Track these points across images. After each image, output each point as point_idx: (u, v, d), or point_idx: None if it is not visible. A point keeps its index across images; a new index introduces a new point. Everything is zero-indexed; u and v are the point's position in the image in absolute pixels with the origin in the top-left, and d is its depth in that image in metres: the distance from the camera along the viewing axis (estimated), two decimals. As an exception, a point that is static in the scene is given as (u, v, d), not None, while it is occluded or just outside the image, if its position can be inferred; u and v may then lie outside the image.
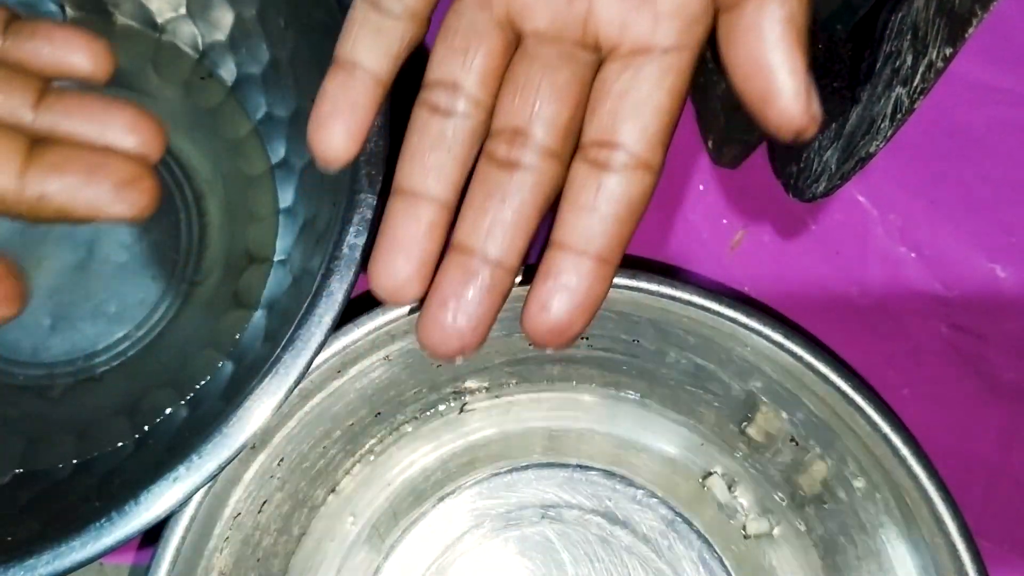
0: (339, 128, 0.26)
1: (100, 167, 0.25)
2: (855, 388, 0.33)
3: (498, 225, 0.25)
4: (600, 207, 0.25)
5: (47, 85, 0.26)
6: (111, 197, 0.25)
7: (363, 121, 0.26)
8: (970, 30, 0.22)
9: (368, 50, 0.26)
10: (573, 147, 0.26)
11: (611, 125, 0.25)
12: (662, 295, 0.34)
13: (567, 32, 0.26)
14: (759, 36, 0.23)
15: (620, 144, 0.25)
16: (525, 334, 0.25)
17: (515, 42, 0.27)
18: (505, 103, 0.26)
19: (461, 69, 0.26)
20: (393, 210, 0.26)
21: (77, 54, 0.26)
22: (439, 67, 0.27)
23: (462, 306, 0.25)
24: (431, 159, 0.26)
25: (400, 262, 0.26)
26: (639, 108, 0.25)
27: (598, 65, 0.26)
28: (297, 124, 0.40)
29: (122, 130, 0.26)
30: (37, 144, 0.25)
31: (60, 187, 0.25)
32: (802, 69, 0.23)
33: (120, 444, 0.37)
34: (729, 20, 0.24)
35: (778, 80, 0.23)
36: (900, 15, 0.26)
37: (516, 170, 0.25)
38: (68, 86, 0.27)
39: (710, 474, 0.40)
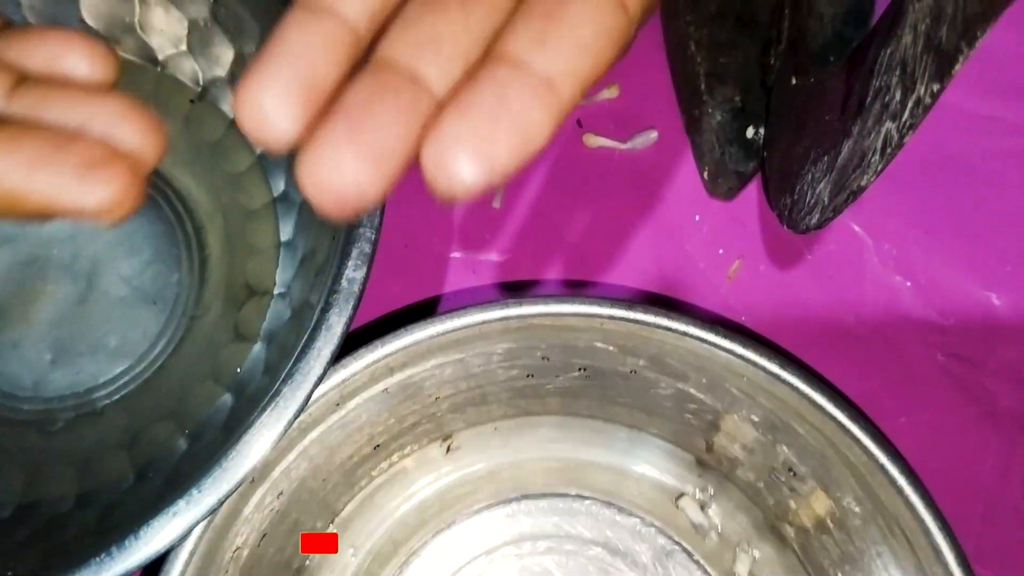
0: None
1: (63, 146, 0.21)
2: (851, 418, 0.34)
3: (435, 38, 0.19)
4: (562, 21, 0.19)
5: (26, 77, 0.22)
6: (73, 180, 0.20)
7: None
8: (956, 67, 0.23)
9: None
10: None
11: None
12: (659, 327, 0.34)
13: None
14: None
15: None
16: (424, 166, 0.18)
17: None
18: None
19: None
20: (287, 21, 0.19)
21: (73, 55, 0.22)
22: None
23: (369, 128, 0.18)
24: None
25: (274, 77, 0.18)
26: None
27: None
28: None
29: (111, 121, 0.21)
30: None
31: (10, 165, 0.20)
32: None
33: (120, 478, 0.37)
34: None
35: None
36: (889, 51, 0.26)
37: (464, 21, 0.19)
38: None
39: (683, 495, 0.40)
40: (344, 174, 0.17)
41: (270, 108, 0.18)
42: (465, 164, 0.18)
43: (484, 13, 0.19)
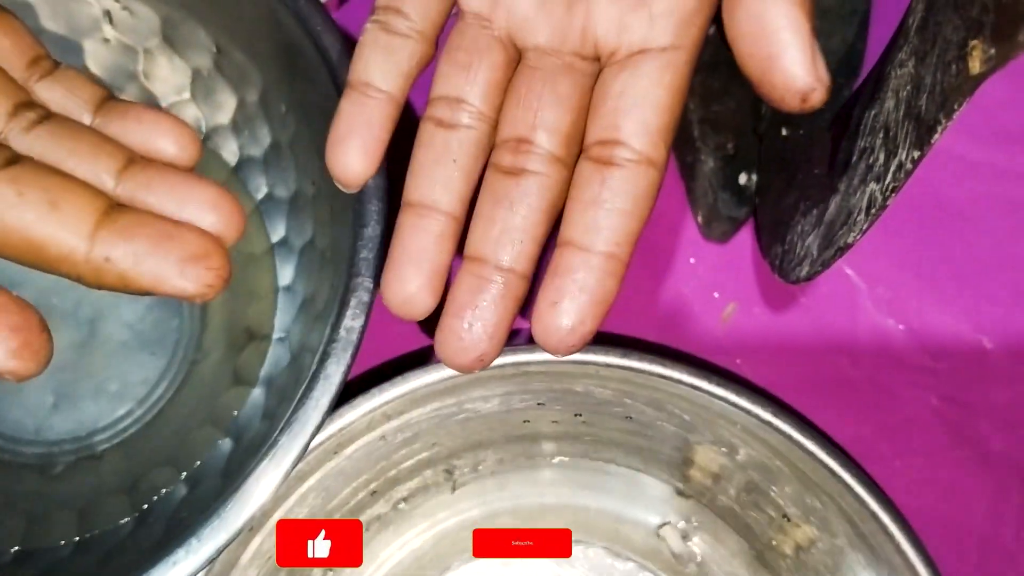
0: (355, 147, 0.27)
1: (170, 237, 0.24)
2: (843, 465, 0.34)
3: (507, 232, 0.26)
4: (605, 202, 0.25)
5: (134, 156, 0.26)
6: (176, 270, 0.24)
7: (379, 139, 0.27)
8: (935, 136, 0.23)
9: (380, 70, 0.27)
10: (577, 154, 0.27)
11: (612, 123, 0.26)
12: (653, 374, 0.35)
13: (567, 44, 0.27)
14: None
15: (622, 141, 0.25)
16: (536, 338, 0.25)
17: (517, 58, 0.28)
18: (508, 114, 0.27)
19: (465, 83, 0.27)
20: (402, 223, 0.27)
21: (165, 138, 0.26)
22: (443, 83, 0.28)
23: (478, 314, 0.26)
24: (437, 172, 0.27)
25: (410, 274, 0.26)
26: (638, 105, 0.26)
27: (598, 74, 0.27)
28: (297, 204, 0.41)
29: (202, 206, 0.25)
30: (114, 208, 0.24)
31: (125, 252, 0.24)
32: (806, 28, 0.23)
33: (120, 522, 0.38)
34: None
35: (781, 38, 0.23)
36: (873, 113, 0.27)
37: (522, 177, 0.26)
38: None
39: (665, 524, 0.40)
40: (473, 352, 0.26)
41: (414, 294, 0.26)
42: (567, 335, 0.25)
43: (541, 200, 0.26)
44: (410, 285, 0.26)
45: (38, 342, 0.23)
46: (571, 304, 0.25)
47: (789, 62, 0.23)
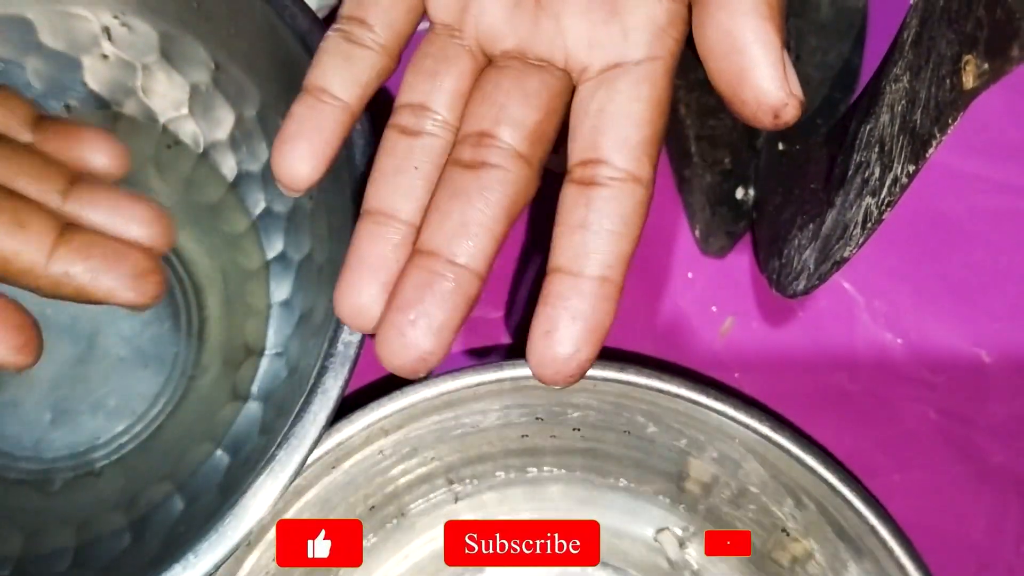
0: (302, 149, 0.26)
1: (121, 256, 0.27)
2: (842, 480, 0.34)
3: (464, 226, 0.24)
4: (592, 224, 0.24)
5: (75, 176, 0.28)
6: (127, 285, 0.27)
7: (328, 145, 0.26)
8: (930, 151, 0.23)
9: (337, 77, 0.26)
10: (542, 157, 0.26)
11: (592, 143, 0.25)
12: (651, 388, 0.35)
13: (536, 52, 0.26)
14: (730, 11, 0.23)
15: (603, 160, 0.24)
16: (532, 370, 0.24)
17: (485, 65, 0.27)
18: (472, 110, 0.26)
19: (430, 90, 0.27)
20: (360, 231, 0.26)
21: (98, 153, 0.29)
22: (409, 91, 0.27)
23: (424, 310, 0.24)
24: (398, 179, 0.26)
25: (364, 283, 0.25)
26: (617, 121, 0.25)
27: (569, 81, 0.26)
28: (295, 219, 0.41)
29: (139, 223, 0.28)
30: (67, 227, 0.27)
31: (83, 269, 0.27)
32: (777, 43, 0.22)
33: (118, 539, 0.38)
34: (700, 6, 0.24)
35: (752, 54, 0.22)
36: (868, 127, 0.27)
37: (482, 170, 0.25)
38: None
39: (663, 529, 0.40)
40: (415, 352, 0.24)
41: (366, 304, 0.25)
42: (564, 365, 0.24)
43: (501, 196, 0.25)
44: (363, 295, 0.25)
45: (36, 338, 0.27)
46: (566, 332, 0.23)
47: (760, 77, 0.22)
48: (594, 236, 0.24)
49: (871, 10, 0.42)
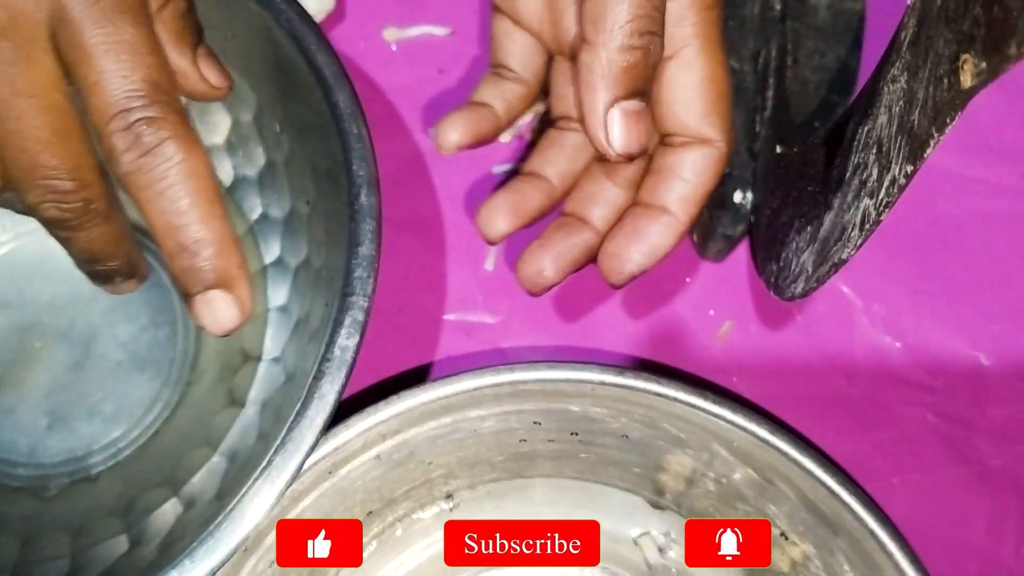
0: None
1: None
2: (841, 483, 0.34)
3: (602, 202, 0.35)
4: (683, 175, 0.33)
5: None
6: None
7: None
8: (928, 151, 0.23)
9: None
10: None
11: (673, 120, 0.33)
12: (649, 392, 0.35)
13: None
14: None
15: (679, 131, 0.33)
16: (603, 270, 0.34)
17: None
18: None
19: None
20: (517, 181, 0.36)
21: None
22: (560, 103, 0.37)
23: (557, 253, 0.35)
24: (550, 154, 0.36)
25: (503, 209, 0.35)
26: (687, 95, 0.32)
27: None
28: (291, 224, 0.41)
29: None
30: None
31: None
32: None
33: (114, 544, 0.37)
34: None
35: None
36: (866, 128, 0.27)
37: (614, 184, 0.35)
38: None
39: (645, 534, 0.40)
40: (540, 273, 0.35)
41: (499, 220, 0.36)
42: (626, 264, 0.34)
43: (623, 178, 0.35)
44: (501, 220, 0.36)
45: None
46: (629, 244, 0.34)
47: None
48: (668, 179, 0.33)
49: (868, 13, 0.42)
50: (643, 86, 0.30)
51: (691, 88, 0.32)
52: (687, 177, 0.33)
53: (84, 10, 0.26)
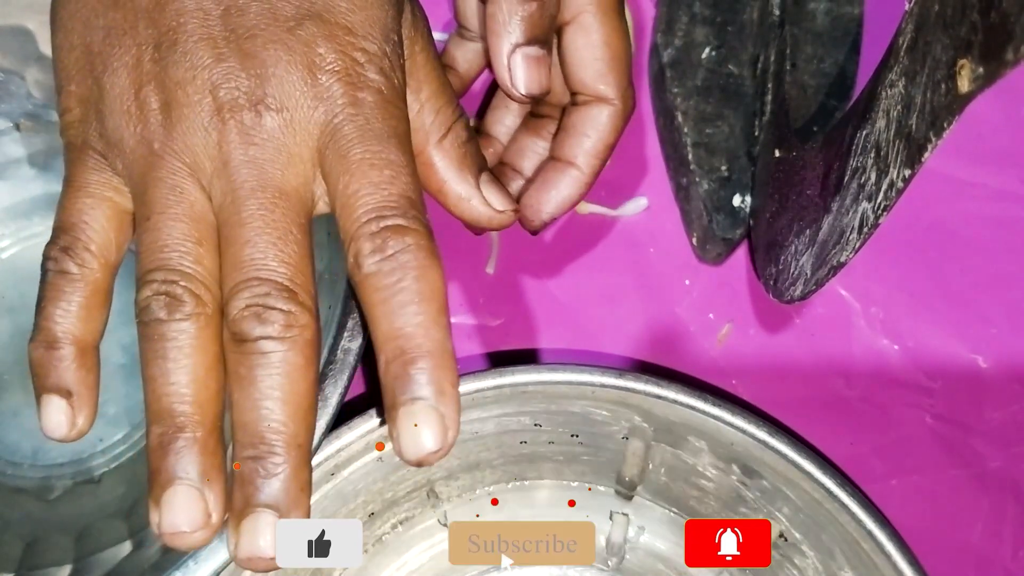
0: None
1: None
2: (839, 485, 0.34)
3: (530, 154, 0.40)
4: (585, 131, 0.36)
5: None
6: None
7: None
8: (926, 155, 0.23)
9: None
10: None
11: (574, 79, 0.36)
12: (649, 394, 0.35)
13: None
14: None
15: (580, 90, 0.36)
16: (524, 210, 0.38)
17: None
18: None
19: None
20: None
21: None
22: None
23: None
24: (499, 113, 0.42)
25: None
26: (585, 57, 0.35)
27: None
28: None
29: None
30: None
31: None
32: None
33: (118, 546, 0.38)
34: None
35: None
36: (865, 133, 0.27)
37: (539, 139, 0.40)
38: None
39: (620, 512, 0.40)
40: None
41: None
42: (539, 213, 0.38)
43: (547, 133, 0.39)
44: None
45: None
46: (540, 195, 0.38)
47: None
48: (574, 136, 0.37)
49: (866, 18, 0.43)
50: (541, 34, 0.33)
51: (588, 50, 0.35)
52: (589, 133, 0.36)
53: (357, 128, 0.28)
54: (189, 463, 0.27)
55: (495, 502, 0.41)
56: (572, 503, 0.41)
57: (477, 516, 0.41)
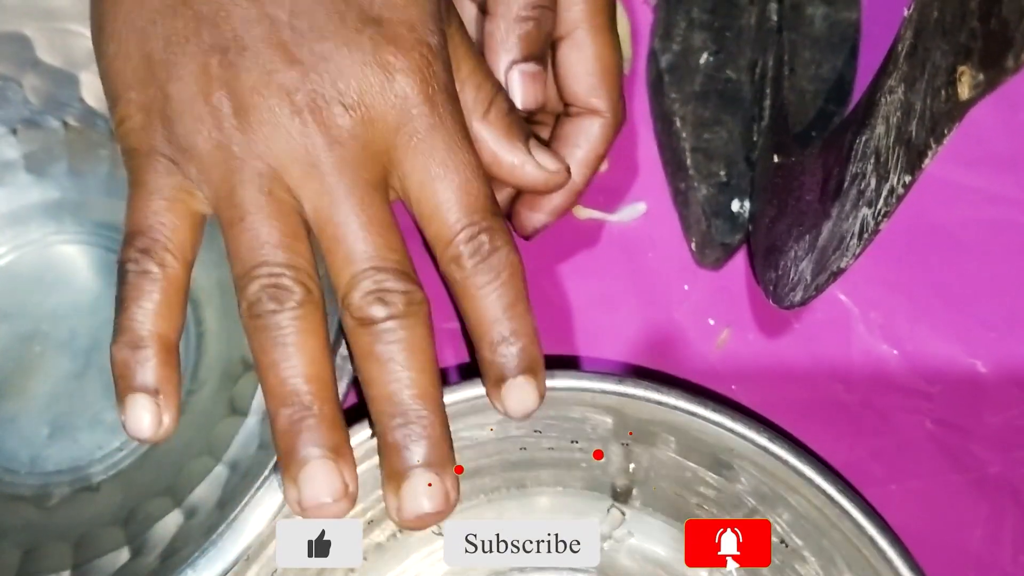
0: None
1: None
2: (840, 491, 0.34)
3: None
4: (577, 142, 0.37)
5: None
6: None
7: None
8: (926, 161, 0.23)
9: None
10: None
11: (567, 92, 0.37)
12: (648, 400, 0.35)
13: None
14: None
15: (573, 102, 0.37)
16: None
17: None
18: None
19: None
20: None
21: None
22: None
23: None
24: None
25: None
26: (577, 71, 0.36)
27: None
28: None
29: None
30: None
31: None
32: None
33: (116, 554, 0.38)
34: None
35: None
36: (864, 139, 0.27)
37: None
38: None
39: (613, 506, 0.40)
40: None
41: None
42: (531, 221, 0.38)
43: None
44: None
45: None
46: (532, 205, 0.38)
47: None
48: (567, 148, 0.37)
49: (865, 23, 0.43)
50: (538, 51, 0.35)
51: (580, 65, 0.36)
52: (581, 144, 0.37)
53: (431, 129, 0.30)
54: (322, 438, 0.30)
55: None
56: (569, 510, 0.41)
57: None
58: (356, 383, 0.33)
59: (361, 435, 0.34)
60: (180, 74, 0.29)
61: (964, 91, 0.21)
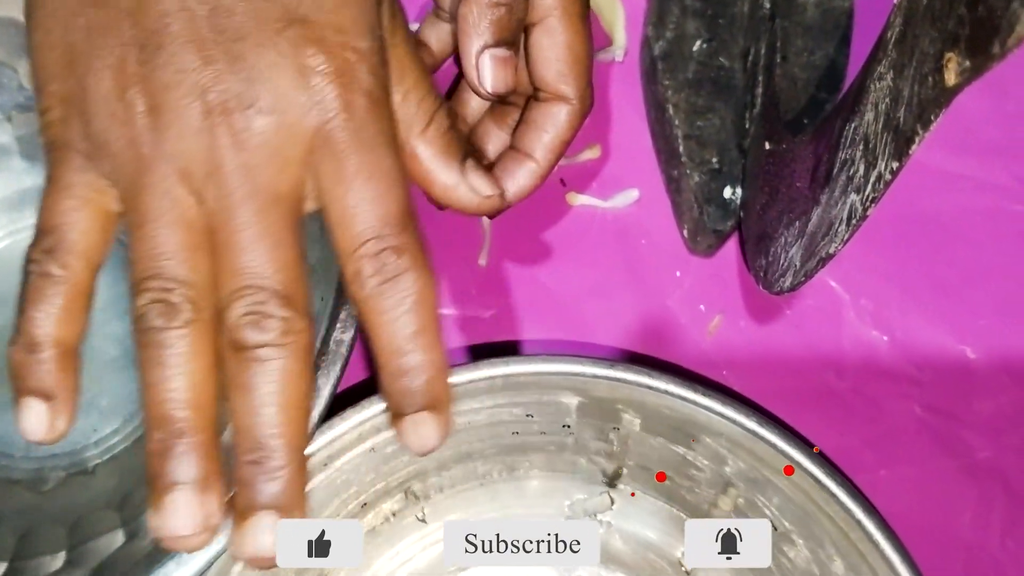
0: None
1: None
2: (829, 475, 0.34)
3: (493, 139, 0.41)
4: (544, 126, 0.37)
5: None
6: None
7: None
8: (913, 147, 0.24)
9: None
10: None
11: (537, 77, 0.37)
12: (640, 385, 0.35)
13: None
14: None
15: (543, 88, 0.37)
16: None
17: None
18: None
19: None
20: None
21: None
22: None
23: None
24: (464, 95, 0.42)
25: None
26: (548, 57, 0.37)
27: None
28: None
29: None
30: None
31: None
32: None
33: (111, 537, 0.38)
34: None
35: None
36: (854, 125, 0.27)
37: (501, 129, 0.41)
38: None
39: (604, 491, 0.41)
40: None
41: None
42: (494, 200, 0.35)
43: (509, 124, 0.40)
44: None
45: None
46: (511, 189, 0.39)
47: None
48: (532, 131, 0.38)
49: (857, 11, 0.43)
50: (508, 36, 0.35)
51: (551, 51, 0.36)
52: (548, 129, 0.37)
53: (350, 135, 0.29)
54: (189, 467, 0.28)
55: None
56: (561, 494, 0.41)
57: (470, 506, 0.41)
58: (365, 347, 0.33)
59: (354, 418, 0.35)
60: (97, 67, 0.28)
61: (951, 77, 0.22)
